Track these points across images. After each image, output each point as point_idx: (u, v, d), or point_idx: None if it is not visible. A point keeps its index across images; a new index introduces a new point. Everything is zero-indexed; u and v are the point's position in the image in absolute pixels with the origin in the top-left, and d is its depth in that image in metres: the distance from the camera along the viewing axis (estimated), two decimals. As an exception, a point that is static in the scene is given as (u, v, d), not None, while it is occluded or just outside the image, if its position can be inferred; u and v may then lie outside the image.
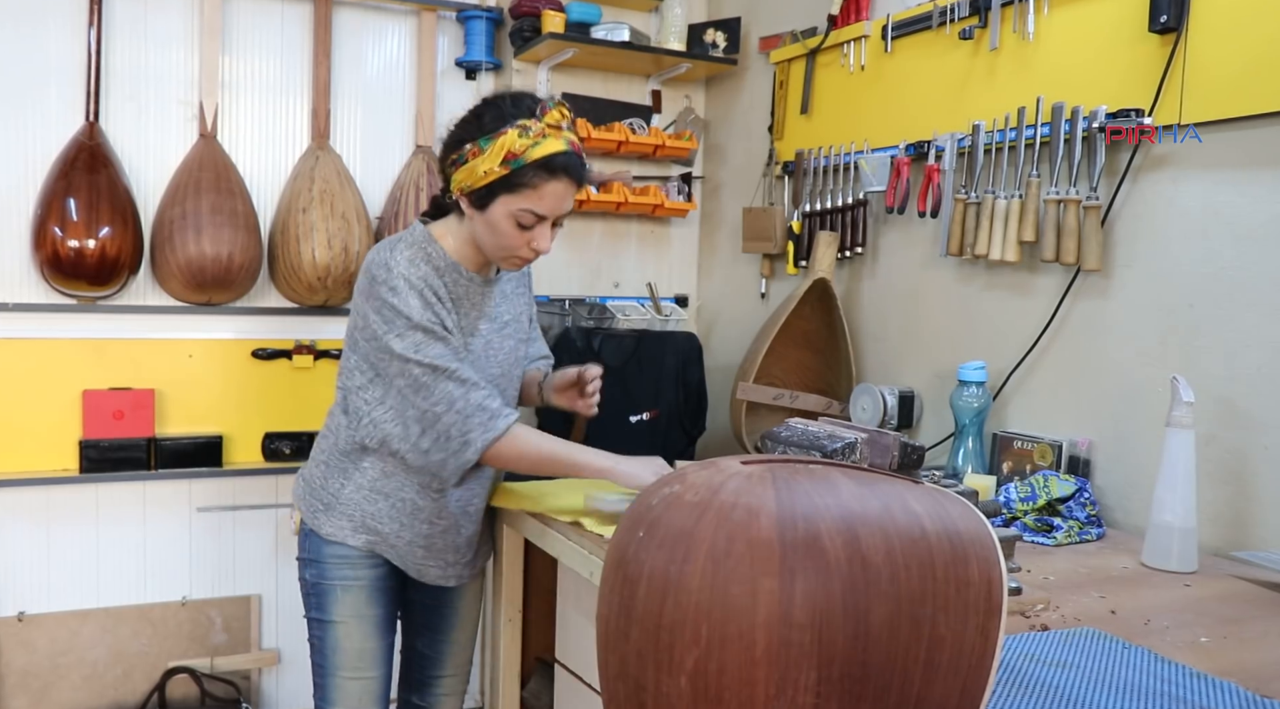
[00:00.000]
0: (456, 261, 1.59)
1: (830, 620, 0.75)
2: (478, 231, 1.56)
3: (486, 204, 1.51)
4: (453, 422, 1.50)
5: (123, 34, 2.45)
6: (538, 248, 1.55)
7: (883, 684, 0.75)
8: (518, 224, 1.50)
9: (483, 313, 1.64)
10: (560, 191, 1.51)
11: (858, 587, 0.75)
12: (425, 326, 1.50)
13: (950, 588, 0.77)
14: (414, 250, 1.55)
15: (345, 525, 1.64)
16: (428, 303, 1.52)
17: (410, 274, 1.51)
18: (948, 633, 0.76)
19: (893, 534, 0.77)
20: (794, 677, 0.74)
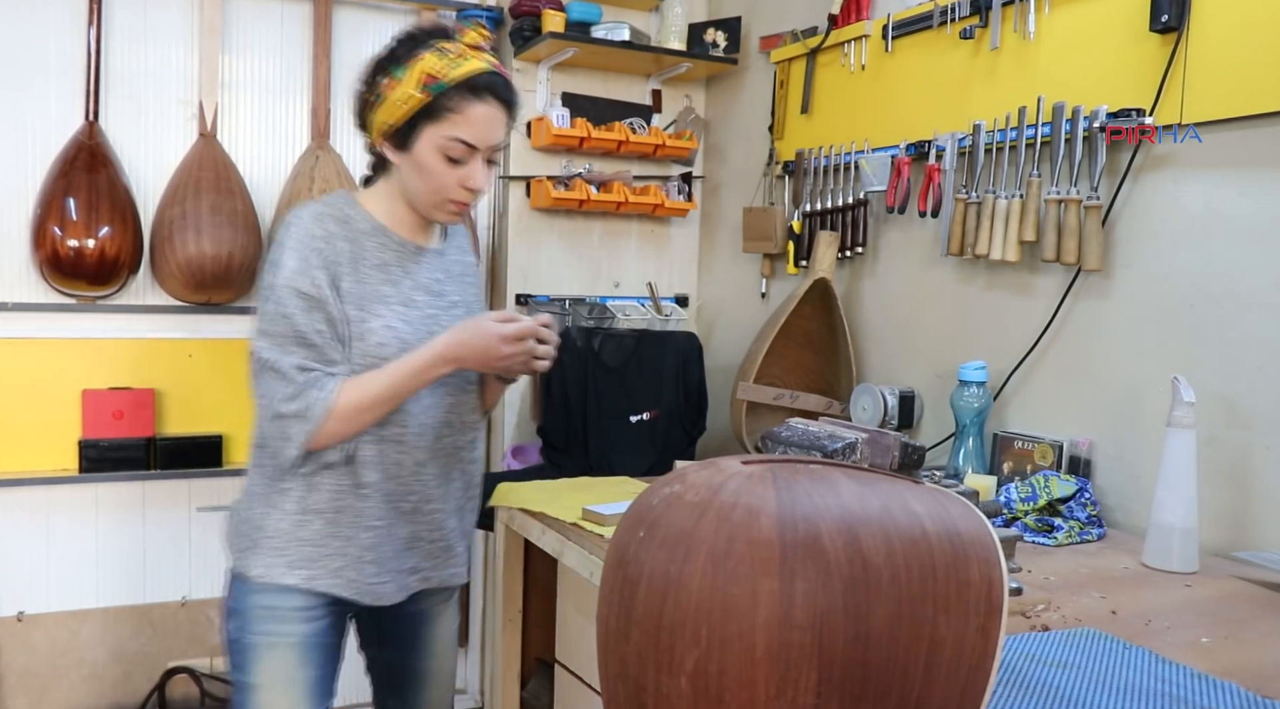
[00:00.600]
0: (383, 225, 1.44)
1: (831, 621, 0.75)
2: (406, 181, 1.41)
3: (409, 140, 1.36)
4: (271, 417, 1.36)
5: (122, 33, 2.45)
6: (472, 186, 1.39)
7: (883, 685, 0.75)
8: (445, 157, 1.36)
9: (419, 283, 1.46)
10: (488, 116, 1.36)
11: (858, 588, 0.74)
12: (281, 295, 1.34)
13: (951, 589, 0.76)
14: (326, 208, 1.41)
15: (277, 562, 1.41)
16: (307, 265, 1.35)
17: (305, 231, 1.37)
18: (948, 634, 0.76)
19: (893, 535, 0.77)
20: (794, 677, 0.74)
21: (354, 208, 1.43)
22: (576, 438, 2.58)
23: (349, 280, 1.39)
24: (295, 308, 1.34)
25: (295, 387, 1.33)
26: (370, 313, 1.39)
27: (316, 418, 1.33)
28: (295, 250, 1.35)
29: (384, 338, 1.39)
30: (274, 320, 1.34)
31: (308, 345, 1.34)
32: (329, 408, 1.33)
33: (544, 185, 2.67)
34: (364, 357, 1.38)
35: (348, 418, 1.35)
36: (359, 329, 1.38)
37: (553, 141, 2.64)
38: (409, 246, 1.46)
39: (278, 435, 1.36)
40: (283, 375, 1.33)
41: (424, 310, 1.45)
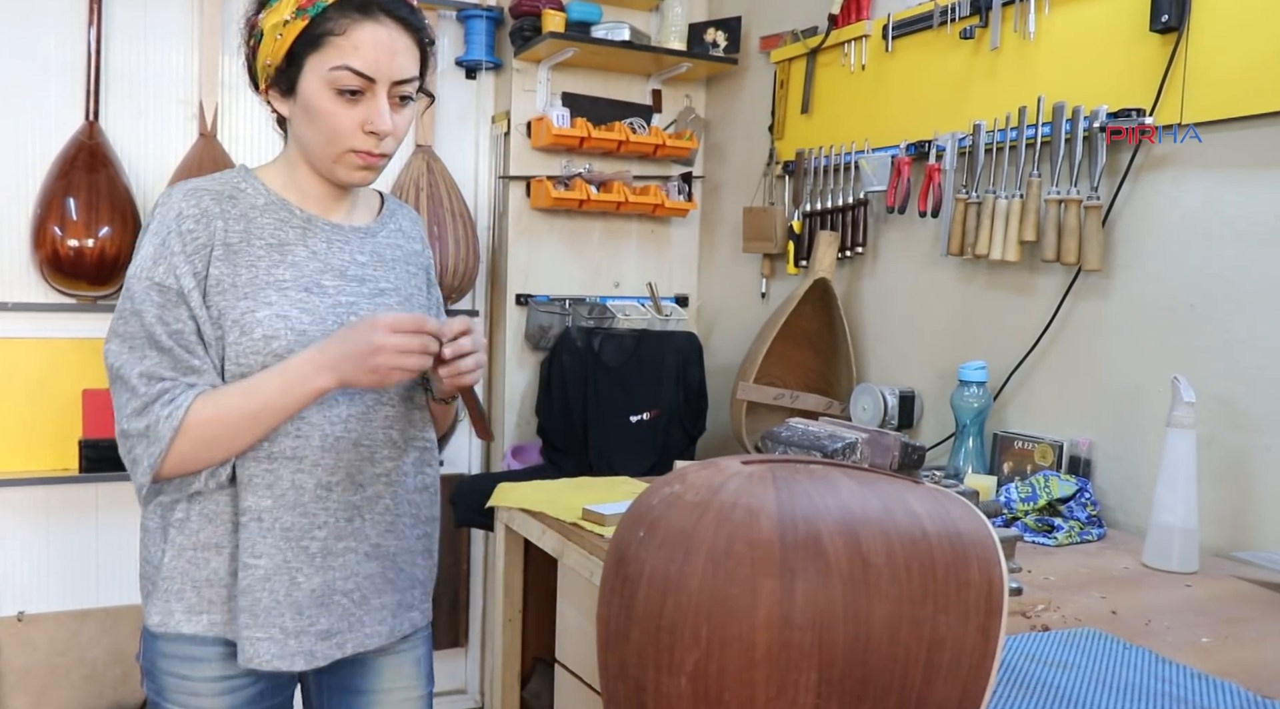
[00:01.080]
0: (283, 198, 1.21)
1: (831, 622, 0.75)
2: (302, 136, 1.18)
3: (295, 80, 1.15)
4: (119, 437, 1.15)
5: (122, 33, 2.45)
6: (375, 128, 1.14)
7: (883, 685, 0.75)
8: (337, 94, 1.13)
9: (329, 265, 1.21)
10: (382, 39, 1.13)
11: (859, 588, 0.74)
12: (133, 289, 1.14)
13: (951, 589, 0.76)
14: (210, 184, 1.20)
15: (175, 607, 1.18)
16: (166, 252, 1.13)
17: (173, 211, 1.15)
18: (948, 634, 0.75)
19: (893, 535, 0.77)
20: (794, 678, 0.74)
21: (249, 181, 1.21)
22: (576, 438, 2.58)
23: (232, 265, 1.15)
24: (148, 303, 1.12)
25: (140, 400, 1.11)
26: (259, 300, 1.15)
27: (162, 439, 1.10)
28: (155, 234, 1.14)
29: (273, 329, 1.15)
30: (125, 318, 1.13)
31: (160, 349, 1.12)
32: (175, 427, 1.09)
33: (544, 185, 2.67)
34: (251, 354, 1.15)
35: (203, 440, 1.11)
36: (246, 321, 1.14)
37: (553, 141, 2.64)
38: (317, 222, 1.22)
39: (126, 458, 1.14)
40: (128, 386, 1.12)
41: (334, 297, 1.20)
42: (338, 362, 1.11)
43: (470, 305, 2.83)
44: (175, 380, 1.12)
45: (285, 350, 1.15)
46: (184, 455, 1.11)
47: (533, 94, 2.74)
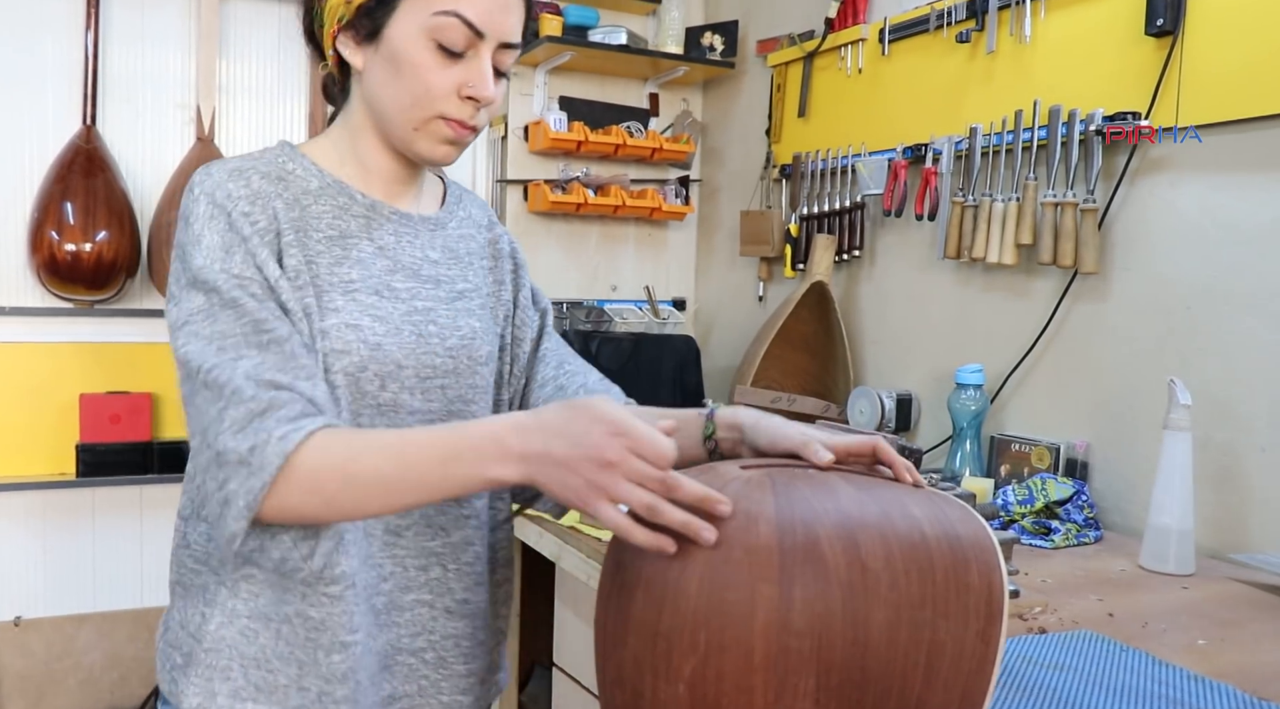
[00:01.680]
0: (340, 180, 1.00)
1: (829, 627, 0.74)
2: (378, 96, 0.96)
3: (382, 23, 0.93)
4: (208, 463, 0.84)
5: (119, 37, 2.45)
6: (476, 93, 0.94)
7: (882, 690, 0.74)
8: (438, 48, 0.92)
9: (400, 263, 1.00)
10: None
11: (857, 593, 0.74)
12: (210, 281, 0.88)
13: (950, 593, 0.76)
14: (252, 163, 0.97)
15: (221, 688, 0.95)
16: (236, 234, 0.90)
17: (221, 192, 0.92)
18: (948, 638, 0.75)
19: (892, 539, 0.77)
20: (793, 683, 0.74)
21: (297, 160, 0.99)
22: (574, 441, 2.57)
23: (298, 256, 0.94)
24: (235, 290, 0.88)
25: (245, 408, 0.82)
26: (323, 306, 0.93)
27: (267, 467, 0.80)
28: (212, 220, 0.91)
29: (343, 342, 0.93)
30: (211, 316, 0.87)
31: (273, 342, 0.87)
32: (286, 453, 0.80)
33: (541, 189, 2.67)
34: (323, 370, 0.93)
35: (316, 490, 0.81)
36: (314, 328, 0.93)
37: (550, 145, 2.64)
38: (382, 210, 1.01)
39: (215, 493, 0.84)
40: (226, 389, 0.83)
41: (408, 302, 0.99)
42: (538, 454, 0.79)
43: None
44: (292, 389, 0.84)
45: (357, 369, 0.93)
46: (285, 502, 0.81)
47: (530, 98, 2.74)
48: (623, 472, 0.76)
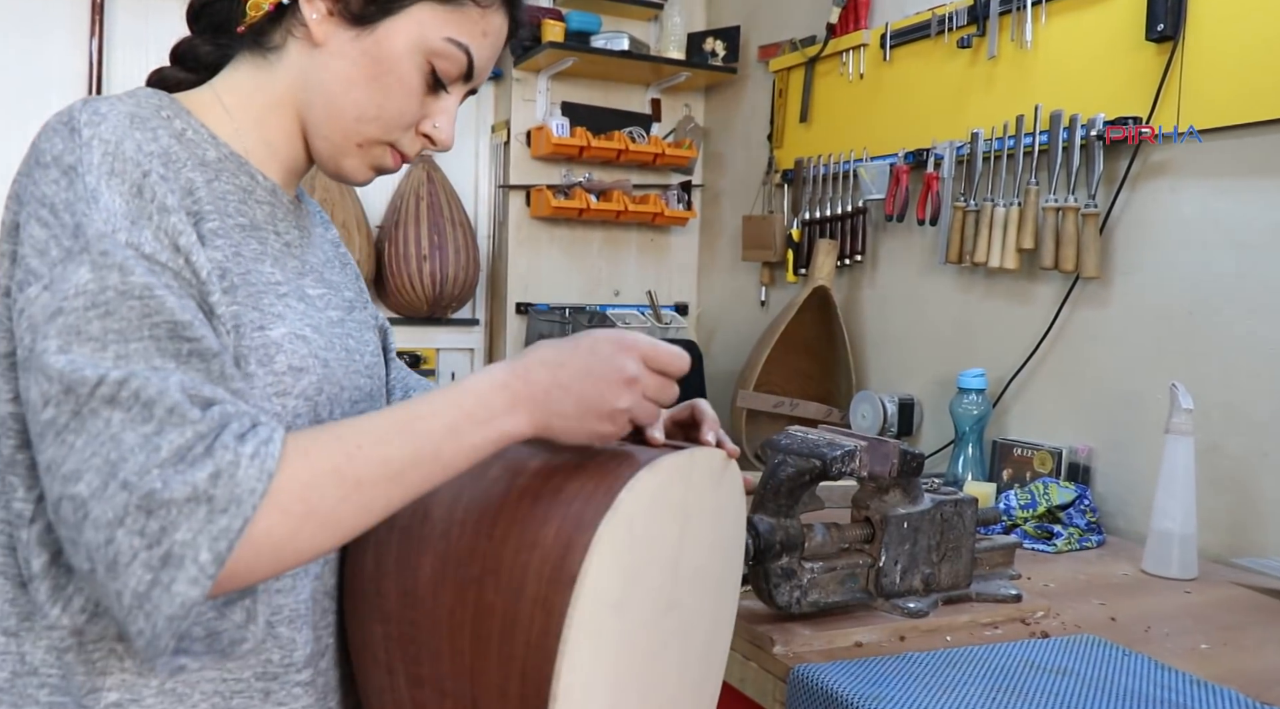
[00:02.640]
0: (238, 153, 0.79)
1: (385, 571, 0.70)
2: (330, 86, 0.78)
3: (379, 17, 0.77)
4: (117, 513, 0.57)
5: (124, 44, 2.46)
6: (436, 135, 0.83)
7: (434, 650, 0.68)
8: (429, 73, 0.79)
9: (304, 262, 0.83)
10: (500, 35, 0.84)
11: (412, 540, 0.68)
12: (108, 251, 0.63)
13: (507, 549, 0.66)
14: (137, 108, 0.72)
15: None
16: (149, 203, 0.67)
17: (129, 140, 0.68)
18: (497, 600, 0.65)
19: (468, 487, 0.69)
20: (370, 628, 0.72)
21: (183, 117, 0.76)
22: (577, 446, 2.58)
23: (226, 246, 0.73)
24: (148, 274, 0.64)
25: (190, 430, 0.59)
26: (266, 311, 0.74)
27: (244, 499, 0.59)
28: (113, 175, 0.66)
29: (299, 357, 0.75)
30: (98, 304, 0.62)
31: (195, 354, 0.64)
32: (269, 471, 0.60)
33: (544, 194, 2.68)
34: (276, 396, 0.73)
35: (310, 507, 0.62)
36: (259, 342, 0.72)
37: (552, 150, 2.65)
38: (283, 198, 0.83)
39: (137, 556, 0.57)
40: (157, 408, 0.59)
41: (324, 311, 0.82)
42: (545, 391, 0.69)
43: (470, 314, 2.83)
44: (234, 404, 0.63)
45: (314, 392, 0.75)
46: (268, 541, 0.60)
47: (532, 103, 2.75)
48: (647, 385, 0.71)
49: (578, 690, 0.64)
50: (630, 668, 0.71)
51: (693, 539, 0.77)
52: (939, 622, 1.14)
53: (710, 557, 0.82)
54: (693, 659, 0.82)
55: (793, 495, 1.06)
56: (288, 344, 0.74)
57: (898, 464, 1.10)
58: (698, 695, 0.84)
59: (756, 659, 1.07)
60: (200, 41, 0.84)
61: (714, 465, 0.80)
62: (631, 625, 0.70)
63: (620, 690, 0.70)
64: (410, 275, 2.53)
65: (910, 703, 0.92)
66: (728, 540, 0.86)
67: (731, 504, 0.85)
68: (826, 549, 1.11)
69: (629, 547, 0.68)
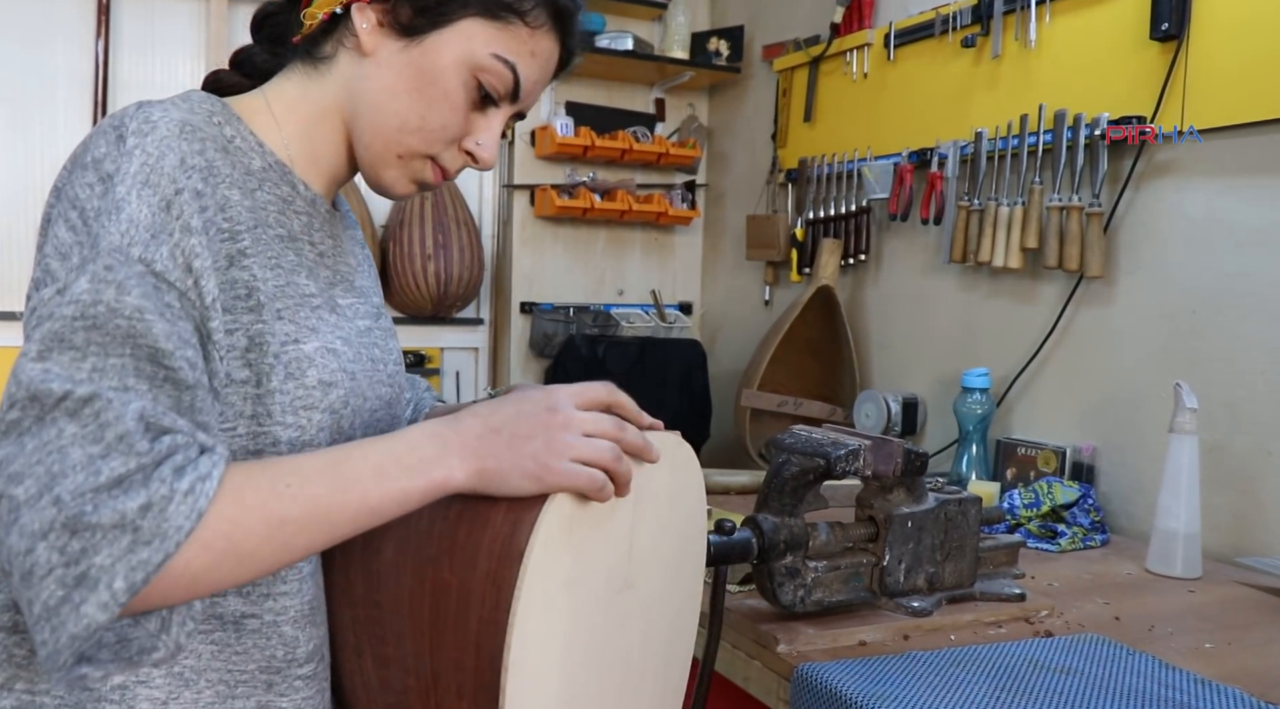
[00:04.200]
0: (283, 162, 0.80)
1: (351, 557, 0.74)
2: (376, 96, 0.80)
3: (428, 28, 0.78)
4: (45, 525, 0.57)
5: (130, 45, 2.46)
6: (480, 154, 0.83)
7: (398, 631, 0.72)
8: (476, 88, 0.80)
9: (337, 272, 0.85)
10: (550, 59, 0.84)
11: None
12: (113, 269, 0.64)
13: (460, 529, 0.69)
14: (193, 116, 0.74)
15: None
16: (175, 219, 0.68)
17: (173, 152, 0.69)
18: (453, 578, 0.69)
19: None
20: (340, 613, 0.77)
21: (233, 123, 0.77)
22: (581, 445, 2.58)
23: (258, 264, 0.74)
24: (143, 298, 0.64)
25: (134, 461, 0.60)
26: (300, 324, 0.76)
27: (170, 536, 0.59)
28: (149, 187, 0.67)
29: (328, 371, 0.76)
30: (88, 317, 0.63)
31: (170, 381, 0.65)
32: (199, 513, 0.60)
33: (548, 194, 2.68)
34: (305, 409, 0.74)
35: (233, 545, 0.63)
36: (291, 356, 0.74)
37: (557, 150, 2.65)
38: (320, 207, 0.83)
39: (53, 571, 0.57)
40: (109, 433, 0.60)
41: (353, 321, 0.84)
42: (478, 437, 0.70)
43: (475, 314, 2.84)
44: (189, 436, 0.63)
45: (341, 406, 0.77)
46: (183, 576, 0.61)
47: (537, 103, 2.75)
48: (579, 425, 0.71)
49: (530, 663, 0.67)
50: (586, 644, 0.73)
51: (647, 520, 0.78)
52: (943, 621, 1.14)
53: (667, 539, 0.83)
54: (656, 641, 0.83)
55: (797, 494, 1.07)
56: (319, 358, 0.75)
57: (902, 463, 1.10)
58: (663, 678, 0.85)
59: (761, 658, 1.07)
60: (259, 49, 0.86)
61: (665, 447, 0.81)
62: (585, 603, 0.72)
63: (576, 666, 0.72)
64: (415, 275, 2.53)
65: (914, 702, 0.92)
66: (686, 524, 0.86)
67: (688, 488, 0.85)
68: (830, 548, 1.11)
69: (577, 525, 0.70)
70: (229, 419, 0.72)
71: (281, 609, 0.75)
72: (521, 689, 0.67)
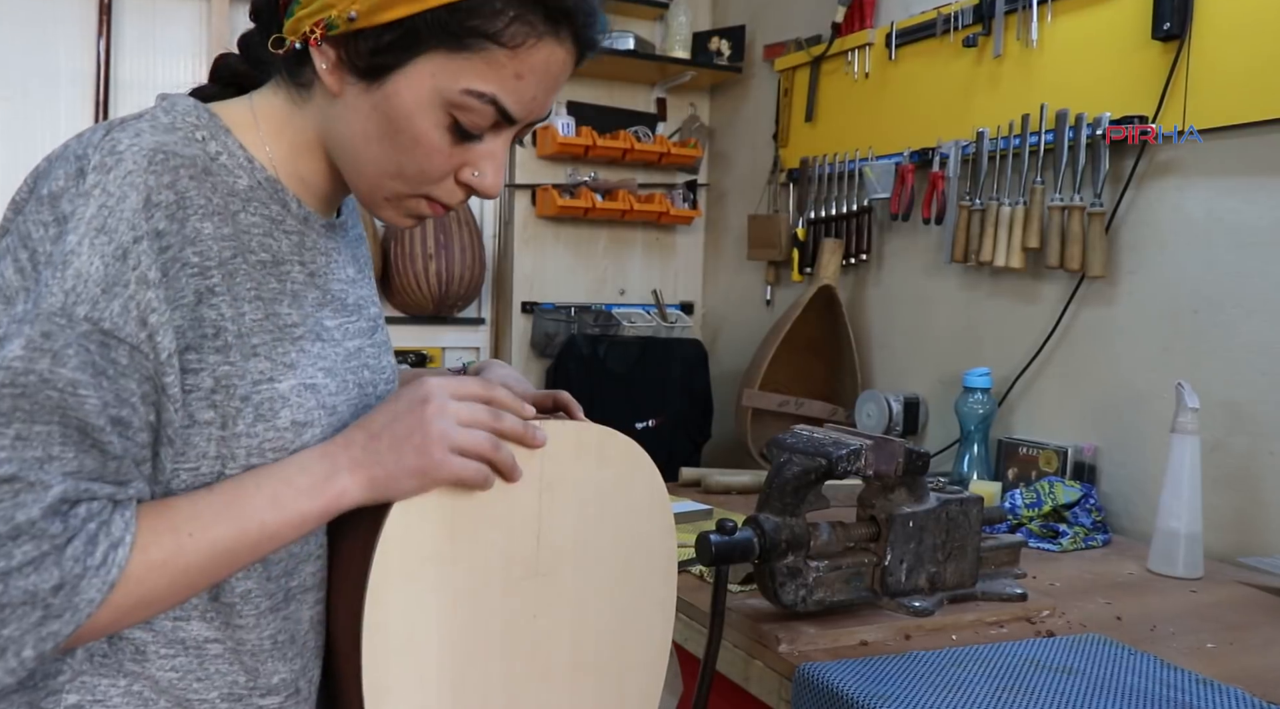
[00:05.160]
0: (274, 177, 0.76)
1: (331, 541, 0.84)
2: (349, 141, 0.74)
3: (386, 71, 0.70)
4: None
5: (131, 44, 2.47)
6: (480, 186, 0.76)
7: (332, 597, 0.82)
8: (453, 125, 0.72)
9: (326, 292, 0.80)
10: (554, 68, 0.73)
11: None
12: (53, 329, 0.62)
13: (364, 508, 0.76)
14: (174, 139, 0.69)
15: None
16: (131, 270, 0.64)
17: (136, 191, 0.65)
18: (344, 546, 0.79)
19: None
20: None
21: (219, 137, 0.73)
22: (582, 445, 2.58)
23: (231, 299, 0.70)
24: (79, 364, 0.62)
25: (50, 544, 0.61)
26: (277, 361, 0.73)
27: (81, 608, 0.62)
28: (104, 233, 0.64)
29: (304, 411, 0.74)
30: (16, 385, 0.61)
31: (97, 448, 0.64)
32: (111, 582, 0.63)
33: (549, 193, 2.68)
34: (273, 450, 0.72)
35: (142, 600, 0.65)
36: (263, 397, 0.71)
37: (558, 150, 2.65)
38: (314, 224, 0.79)
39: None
40: (19, 516, 0.60)
41: (341, 344, 0.80)
42: (363, 444, 0.71)
43: (476, 314, 2.84)
44: (105, 501, 0.64)
45: (315, 443, 0.74)
46: (99, 624, 0.64)
47: (539, 103, 2.75)
48: (451, 410, 0.71)
49: (394, 630, 0.73)
50: (474, 625, 0.77)
51: (562, 510, 0.80)
52: (944, 620, 1.14)
53: (599, 532, 0.83)
54: (588, 635, 0.83)
55: (798, 494, 1.06)
56: (294, 397, 0.73)
57: (903, 463, 1.10)
58: (613, 676, 0.85)
59: (762, 658, 1.07)
60: (258, 38, 0.79)
61: (585, 440, 0.81)
62: (470, 582, 0.77)
63: (463, 644, 0.77)
64: (416, 274, 2.53)
65: (915, 702, 0.92)
66: (631, 518, 0.85)
67: (633, 483, 0.85)
68: (832, 548, 1.11)
69: (449, 504, 0.74)
70: (191, 459, 0.70)
71: (241, 640, 0.74)
72: (384, 652, 0.72)
